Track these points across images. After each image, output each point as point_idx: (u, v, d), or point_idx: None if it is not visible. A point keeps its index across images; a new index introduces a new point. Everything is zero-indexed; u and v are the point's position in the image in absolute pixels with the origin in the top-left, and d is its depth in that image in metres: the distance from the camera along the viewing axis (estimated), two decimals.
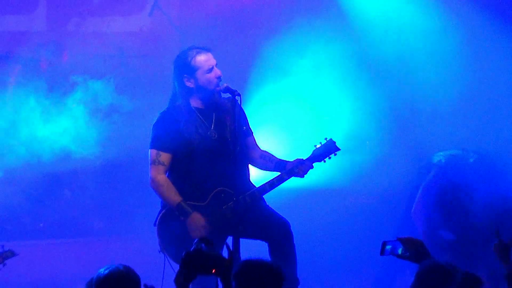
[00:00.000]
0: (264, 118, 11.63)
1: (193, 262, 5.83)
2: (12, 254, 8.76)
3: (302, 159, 9.34)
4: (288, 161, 9.37)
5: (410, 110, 11.87)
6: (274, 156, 9.51)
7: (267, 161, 9.48)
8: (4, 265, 8.71)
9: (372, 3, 12.57)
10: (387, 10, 12.52)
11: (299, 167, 9.31)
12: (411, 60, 12.16)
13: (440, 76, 11.94)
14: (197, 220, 9.01)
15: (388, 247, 7.37)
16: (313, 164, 9.38)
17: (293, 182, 9.50)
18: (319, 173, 9.60)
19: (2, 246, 8.74)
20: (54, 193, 12.18)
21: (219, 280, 6.02)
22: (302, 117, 12.23)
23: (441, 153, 9.51)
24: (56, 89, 12.17)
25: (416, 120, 11.70)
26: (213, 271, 5.86)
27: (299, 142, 10.89)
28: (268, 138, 11.25)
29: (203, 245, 5.95)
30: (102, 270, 6.61)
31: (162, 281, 8.93)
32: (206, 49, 9.24)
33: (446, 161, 9.45)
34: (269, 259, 8.09)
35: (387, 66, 12.23)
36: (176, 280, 5.88)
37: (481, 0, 12.25)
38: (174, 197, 9.10)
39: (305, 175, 9.37)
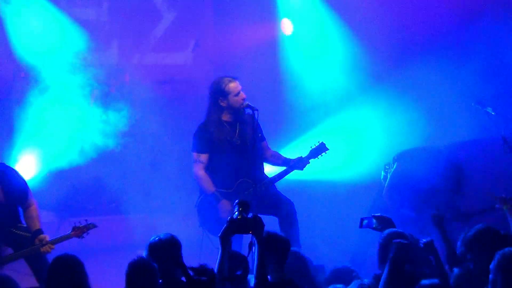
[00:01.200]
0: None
1: (236, 225, 5.84)
2: (94, 226, 8.67)
3: (302, 157, 9.36)
4: (292, 159, 9.39)
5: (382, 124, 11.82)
6: (281, 155, 9.53)
7: (276, 159, 9.49)
8: (87, 234, 8.67)
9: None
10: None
11: (299, 163, 9.34)
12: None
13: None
14: (225, 205, 9.03)
15: (365, 222, 7.39)
16: (309, 161, 9.38)
17: (296, 175, 9.53)
18: (315, 168, 9.60)
19: (86, 220, 8.68)
20: (121, 180, 12.16)
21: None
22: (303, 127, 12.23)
23: (399, 153, 9.48)
24: (121, 104, 12.21)
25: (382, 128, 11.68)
26: (250, 232, 5.84)
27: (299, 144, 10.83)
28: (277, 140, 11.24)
29: (243, 213, 5.91)
30: (153, 237, 6.77)
31: (201, 246, 8.97)
32: (235, 78, 9.26)
33: (403, 158, 9.42)
34: (279, 230, 8.12)
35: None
36: (221, 236, 5.88)
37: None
38: (210, 187, 9.14)
39: (304, 168, 9.39)
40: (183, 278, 5.74)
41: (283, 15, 12.50)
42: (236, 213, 5.93)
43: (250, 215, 5.94)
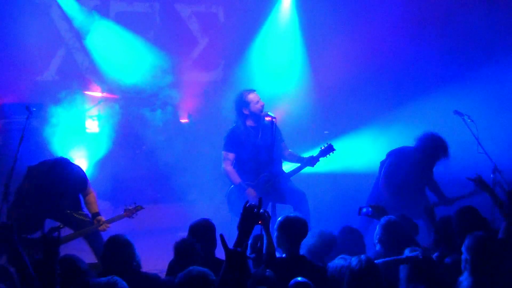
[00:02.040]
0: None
1: (248, 217, 6.07)
2: (141, 207, 8.68)
3: (313, 155, 9.37)
4: (305, 157, 9.42)
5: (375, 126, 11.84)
6: (296, 154, 9.55)
7: (292, 157, 9.52)
8: (136, 215, 8.74)
9: None
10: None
11: (311, 161, 9.36)
12: None
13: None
14: (251, 192, 9.13)
15: (363, 210, 7.38)
16: (319, 159, 9.42)
17: (308, 170, 9.56)
18: (322, 164, 9.62)
19: (134, 203, 8.74)
20: (166, 174, 12.20)
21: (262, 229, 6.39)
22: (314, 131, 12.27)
23: (391, 150, 9.48)
24: (166, 109, 12.31)
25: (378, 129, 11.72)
26: (260, 222, 6.07)
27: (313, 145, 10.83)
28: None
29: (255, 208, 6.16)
30: (193, 221, 6.95)
31: (230, 228, 8.95)
32: (253, 90, 9.39)
33: (394, 154, 9.42)
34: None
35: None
36: (238, 227, 6.07)
37: None
38: (236, 179, 9.22)
39: (314, 165, 9.42)
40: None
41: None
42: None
43: (261, 210, 6.16)
